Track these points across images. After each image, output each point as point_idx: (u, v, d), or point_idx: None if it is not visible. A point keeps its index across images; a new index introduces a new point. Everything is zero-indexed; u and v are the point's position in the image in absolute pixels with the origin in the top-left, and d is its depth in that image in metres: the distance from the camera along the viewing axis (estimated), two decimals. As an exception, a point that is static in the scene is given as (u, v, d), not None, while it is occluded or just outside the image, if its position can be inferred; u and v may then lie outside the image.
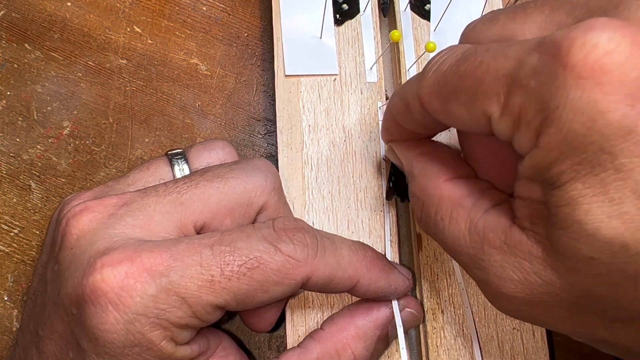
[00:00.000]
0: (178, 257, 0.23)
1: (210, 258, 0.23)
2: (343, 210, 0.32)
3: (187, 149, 0.29)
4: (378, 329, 0.28)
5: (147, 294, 0.22)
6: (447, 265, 0.32)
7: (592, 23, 0.17)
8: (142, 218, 0.25)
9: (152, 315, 0.22)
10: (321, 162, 0.33)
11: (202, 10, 0.38)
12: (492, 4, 0.36)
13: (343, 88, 0.34)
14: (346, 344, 0.27)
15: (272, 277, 0.23)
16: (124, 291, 0.22)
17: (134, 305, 0.22)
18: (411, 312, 0.29)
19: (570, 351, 0.33)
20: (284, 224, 0.25)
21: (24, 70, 0.36)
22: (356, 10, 0.36)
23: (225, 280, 0.23)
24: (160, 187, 0.26)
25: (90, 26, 0.37)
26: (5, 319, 0.32)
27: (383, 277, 0.27)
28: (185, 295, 0.22)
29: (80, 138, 0.35)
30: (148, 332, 0.22)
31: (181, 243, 0.23)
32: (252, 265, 0.23)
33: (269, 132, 0.36)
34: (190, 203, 0.25)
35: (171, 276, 0.22)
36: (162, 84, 0.36)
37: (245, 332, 0.32)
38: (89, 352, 0.23)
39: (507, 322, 0.31)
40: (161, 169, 0.28)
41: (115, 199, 0.25)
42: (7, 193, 0.34)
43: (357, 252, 0.26)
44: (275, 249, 0.24)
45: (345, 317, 0.28)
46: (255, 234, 0.24)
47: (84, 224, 0.24)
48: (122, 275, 0.22)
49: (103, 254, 0.23)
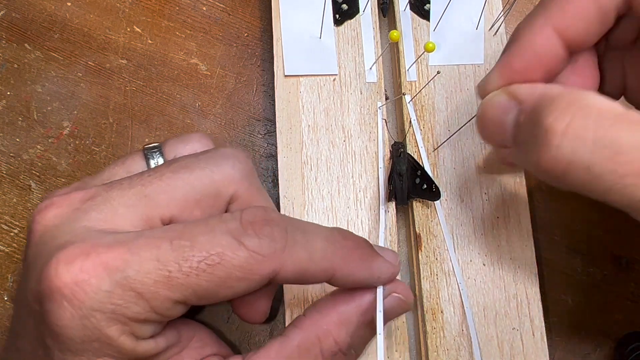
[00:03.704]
0: (135, 252, 0.22)
1: (168, 253, 0.22)
2: (343, 210, 0.32)
3: (163, 143, 0.28)
4: (362, 315, 0.26)
5: (102, 290, 0.21)
6: (447, 265, 0.32)
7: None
8: (107, 212, 0.24)
9: (108, 310, 0.22)
10: (321, 162, 0.33)
11: (202, 10, 0.38)
12: (492, 4, 0.36)
13: (343, 88, 0.34)
14: (327, 330, 0.26)
15: (235, 273, 0.22)
16: (77, 287, 0.21)
17: (88, 300, 0.21)
18: (398, 297, 0.27)
19: (570, 351, 0.33)
20: (252, 215, 0.24)
21: (24, 70, 0.36)
22: (356, 10, 0.36)
23: (184, 277, 0.22)
24: (125, 180, 0.25)
25: (90, 26, 0.37)
26: (5, 319, 0.32)
27: (364, 268, 0.26)
28: (141, 291, 0.22)
29: (80, 138, 0.35)
30: (105, 327, 0.22)
31: (141, 237, 0.23)
32: (212, 262, 0.22)
33: (268, 132, 0.36)
34: (155, 195, 0.24)
35: (127, 271, 0.22)
36: (162, 84, 0.36)
37: (245, 332, 0.32)
38: (53, 349, 0.22)
39: (507, 322, 0.31)
40: (136, 164, 0.27)
41: (80, 193, 0.25)
42: (7, 193, 0.34)
43: (333, 243, 0.25)
44: (239, 243, 0.23)
45: (328, 303, 0.26)
46: (219, 228, 0.23)
47: (48, 219, 0.24)
48: (76, 271, 0.21)
49: (60, 249, 0.22)
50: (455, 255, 0.32)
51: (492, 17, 0.36)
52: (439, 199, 0.32)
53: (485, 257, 0.32)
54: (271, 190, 0.35)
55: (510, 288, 0.31)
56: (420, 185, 0.32)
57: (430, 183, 0.32)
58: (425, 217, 0.32)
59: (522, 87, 0.24)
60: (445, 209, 0.33)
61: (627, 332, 0.33)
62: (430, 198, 0.32)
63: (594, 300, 0.34)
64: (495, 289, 0.31)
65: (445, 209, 0.33)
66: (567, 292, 0.34)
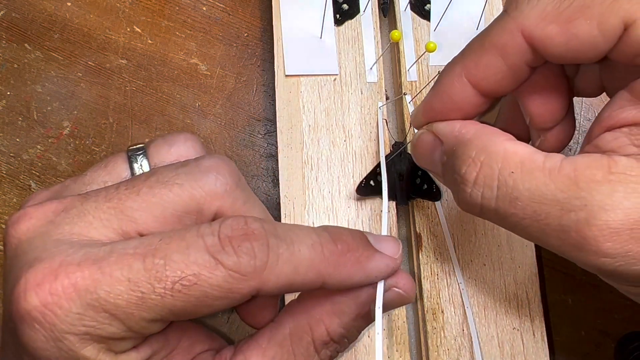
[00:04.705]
0: (106, 271, 0.21)
1: (140, 272, 0.21)
2: (343, 210, 0.32)
3: (148, 144, 0.27)
4: (357, 307, 0.25)
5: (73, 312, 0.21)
6: (447, 265, 0.32)
7: None
8: (81, 225, 0.23)
9: (81, 332, 0.21)
10: (321, 162, 0.33)
11: (202, 10, 0.38)
12: (492, 4, 0.37)
13: (343, 88, 0.34)
14: (319, 319, 0.25)
15: (213, 292, 0.21)
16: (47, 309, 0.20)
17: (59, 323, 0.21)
18: (398, 291, 0.26)
19: (571, 351, 0.33)
20: (231, 229, 0.22)
21: (24, 70, 0.36)
22: (356, 10, 0.36)
23: (158, 298, 0.21)
24: (101, 192, 0.24)
25: (90, 26, 0.37)
26: (5, 319, 0.32)
27: (357, 271, 0.24)
28: (114, 312, 0.21)
29: (80, 138, 0.35)
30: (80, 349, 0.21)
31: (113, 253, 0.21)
32: (189, 282, 0.21)
33: (269, 132, 0.36)
34: (131, 212, 0.23)
35: (98, 292, 0.21)
36: (162, 84, 0.36)
37: (246, 332, 0.32)
38: None
39: (507, 322, 0.31)
40: (119, 167, 0.26)
41: (54, 204, 0.24)
42: (7, 193, 0.34)
43: (321, 251, 0.23)
44: (217, 262, 0.21)
45: (323, 290, 0.25)
46: (196, 244, 0.22)
47: (22, 232, 0.23)
48: (45, 293, 0.21)
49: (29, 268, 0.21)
50: (456, 255, 0.32)
51: (493, 17, 0.36)
52: (440, 200, 0.32)
53: (485, 257, 0.32)
54: (271, 190, 0.35)
55: (511, 288, 0.31)
56: (420, 186, 0.32)
57: (430, 183, 0.32)
58: (426, 217, 0.32)
59: (442, 126, 0.26)
60: (445, 209, 0.33)
61: (627, 332, 0.33)
62: (431, 198, 0.32)
63: (594, 300, 0.34)
64: (496, 289, 0.31)
65: (446, 209, 0.33)
66: (567, 292, 0.34)
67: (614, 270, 0.21)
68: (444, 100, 0.26)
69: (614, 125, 0.22)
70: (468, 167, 0.24)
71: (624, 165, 0.21)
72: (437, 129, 0.27)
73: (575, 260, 0.22)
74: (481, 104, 0.26)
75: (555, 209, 0.21)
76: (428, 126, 0.27)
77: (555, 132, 0.27)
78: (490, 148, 0.23)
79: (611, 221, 0.20)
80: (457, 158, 0.24)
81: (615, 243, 0.21)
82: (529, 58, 0.24)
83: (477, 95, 0.25)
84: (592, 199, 0.21)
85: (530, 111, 0.26)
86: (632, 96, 0.22)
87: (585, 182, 0.21)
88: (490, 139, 0.24)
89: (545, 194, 0.22)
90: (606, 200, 0.20)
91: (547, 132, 0.27)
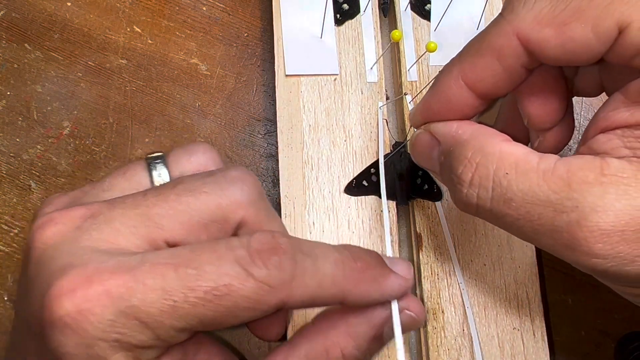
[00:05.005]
0: (139, 279, 0.21)
1: (174, 281, 0.21)
2: (343, 210, 0.32)
3: (167, 153, 0.27)
4: (372, 329, 0.26)
5: (106, 319, 0.21)
6: (447, 265, 0.32)
7: None
8: (109, 232, 0.23)
9: (112, 339, 0.21)
10: (321, 161, 0.33)
11: (202, 10, 0.38)
12: (492, 4, 0.37)
13: (343, 88, 0.34)
14: (336, 342, 0.25)
15: (243, 303, 0.22)
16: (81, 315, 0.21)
17: (92, 329, 0.21)
18: (410, 314, 0.27)
19: (571, 351, 0.33)
20: (260, 243, 0.23)
21: (24, 70, 0.36)
22: (356, 10, 0.36)
23: (190, 307, 0.21)
24: (128, 199, 0.24)
25: (90, 26, 0.37)
26: (5, 319, 0.32)
27: (376, 289, 0.25)
28: (146, 320, 0.21)
29: (80, 138, 0.35)
30: (109, 355, 0.21)
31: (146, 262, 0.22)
32: (220, 292, 0.22)
33: (269, 132, 0.36)
34: (159, 219, 0.24)
35: (132, 300, 0.21)
36: (162, 84, 0.36)
37: (246, 332, 0.32)
38: None
39: (507, 322, 0.31)
40: (138, 174, 0.26)
41: (82, 209, 0.24)
42: (7, 193, 0.34)
43: (343, 268, 0.24)
44: (248, 274, 0.22)
45: (338, 313, 0.26)
46: (227, 256, 0.22)
47: (48, 237, 0.23)
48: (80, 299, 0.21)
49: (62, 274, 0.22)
50: (456, 255, 0.32)
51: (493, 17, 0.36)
52: (441, 200, 0.32)
53: (485, 257, 0.32)
54: (271, 190, 0.35)
55: (511, 288, 0.31)
56: (421, 186, 0.32)
57: (431, 183, 0.32)
58: (426, 217, 0.32)
59: (439, 127, 0.27)
60: (445, 208, 0.33)
61: (627, 332, 0.33)
62: (431, 198, 0.32)
63: (594, 300, 0.34)
64: (496, 288, 0.31)
65: (446, 209, 0.33)
66: (567, 292, 0.34)
67: (605, 270, 0.21)
68: (441, 101, 0.26)
69: (607, 127, 0.22)
70: (464, 167, 0.24)
71: (616, 167, 0.21)
72: (435, 129, 0.27)
73: (568, 261, 0.22)
74: (478, 105, 0.26)
75: (548, 210, 0.22)
76: (426, 126, 0.27)
77: (554, 133, 0.27)
78: (486, 149, 0.24)
79: (602, 223, 0.20)
80: (454, 158, 0.25)
81: (606, 244, 0.21)
82: (524, 60, 0.24)
83: (473, 97, 0.26)
84: (584, 200, 0.21)
85: (528, 112, 0.27)
86: (626, 98, 0.22)
87: (577, 184, 0.21)
88: (486, 139, 0.24)
89: (539, 195, 0.22)
90: (597, 202, 0.21)
91: (545, 132, 0.27)
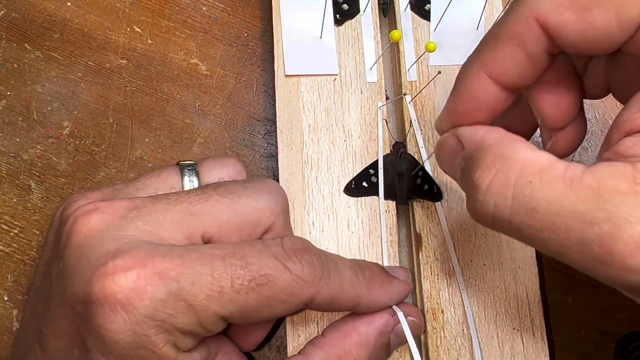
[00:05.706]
0: (189, 265, 0.23)
1: (221, 269, 0.23)
2: (343, 210, 0.32)
3: (199, 162, 0.30)
4: (380, 337, 0.28)
5: (157, 298, 0.22)
6: (447, 265, 0.32)
7: None
8: (152, 223, 0.25)
9: (159, 319, 0.22)
10: (321, 162, 0.33)
11: (202, 10, 0.38)
12: (492, 4, 0.37)
13: (343, 88, 0.34)
14: (349, 351, 0.27)
15: (279, 295, 0.24)
16: (134, 293, 0.22)
17: (142, 307, 0.22)
18: (413, 320, 0.29)
19: (570, 351, 0.33)
20: (292, 243, 0.25)
21: (24, 70, 0.36)
22: (356, 10, 0.36)
23: (234, 293, 0.23)
24: (171, 196, 0.26)
25: (90, 26, 0.37)
26: (5, 318, 0.32)
27: (383, 293, 0.27)
28: (193, 303, 0.23)
29: (80, 138, 0.35)
30: (153, 335, 0.22)
31: (193, 252, 0.24)
32: (261, 282, 0.23)
33: (269, 132, 0.36)
34: (200, 215, 0.25)
35: (182, 282, 0.23)
36: (162, 84, 0.36)
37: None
38: (94, 351, 0.23)
39: (507, 322, 0.31)
40: (172, 177, 0.28)
41: (125, 202, 0.25)
42: (7, 193, 0.34)
43: (357, 274, 0.27)
44: (285, 267, 0.24)
45: (348, 324, 0.28)
46: (266, 251, 0.24)
47: (93, 223, 0.24)
48: (134, 278, 0.22)
49: (115, 256, 0.23)
50: (456, 255, 0.32)
51: (493, 17, 0.36)
52: (440, 200, 0.32)
53: (485, 257, 0.32)
54: (271, 190, 0.35)
55: (511, 288, 0.31)
56: (421, 186, 0.32)
57: (431, 184, 0.32)
58: (426, 217, 0.32)
59: (466, 131, 0.26)
60: (445, 208, 0.33)
61: (627, 332, 0.33)
62: (431, 199, 0.32)
63: (594, 300, 0.34)
64: (496, 289, 0.31)
65: (446, 208, 0.33)
66: (567, 292, 0.34)
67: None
68: (465, 101, 0.26)
69: (632, 129, 0.21)
70: (482, 172, 0.23)
71: None
72: (462, 133, 0.26)
73: (597, 276, 0.21)
74: (504, 98, 0.25)
75: (576, 221, 0.20)
76: (453, 130, 0.27)
77: (566, 133, 0.26)
78: (508, 155, 0.22)
79: (638, 235, 0.19)
80: (474, 163, 0.24)
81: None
82: (547, 45, 0.23)
83: (498, 90, 0.25)
84: (617, 211, 0.19)
85: (542, 110, 0.26)
86: None
87: (609, 193, 0.20)
88: (509, 146, 0.23)
89: (565, 205, 0.20)
90: (632, 213, 0.19)
91: (558, 132, 0.26)
